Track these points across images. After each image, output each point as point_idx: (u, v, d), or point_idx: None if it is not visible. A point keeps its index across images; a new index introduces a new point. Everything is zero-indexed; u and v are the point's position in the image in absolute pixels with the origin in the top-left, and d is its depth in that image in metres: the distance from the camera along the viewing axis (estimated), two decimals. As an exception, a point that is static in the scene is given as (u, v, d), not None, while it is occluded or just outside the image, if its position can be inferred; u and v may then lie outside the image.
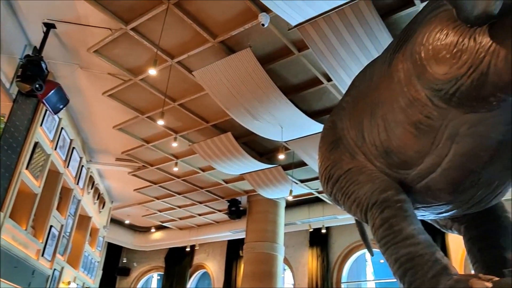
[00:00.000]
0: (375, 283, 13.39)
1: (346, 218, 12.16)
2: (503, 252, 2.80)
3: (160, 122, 7.72)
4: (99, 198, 12.09)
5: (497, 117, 2.22)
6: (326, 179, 3.24)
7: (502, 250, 2.81)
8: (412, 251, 2.34)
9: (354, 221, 3.34)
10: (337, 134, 3.26)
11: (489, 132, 2.27)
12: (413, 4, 5.10)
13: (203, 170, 10.91)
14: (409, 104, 2.52)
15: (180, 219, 14.91)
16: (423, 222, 2.84)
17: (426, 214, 2.99)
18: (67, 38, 6.65)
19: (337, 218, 12.26)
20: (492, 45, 1.99)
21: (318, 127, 7.60)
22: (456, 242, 10.43)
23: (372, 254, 3.63)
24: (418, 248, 2.34)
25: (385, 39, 5.08)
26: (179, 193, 12.51)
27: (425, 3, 4.82)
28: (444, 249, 10.56)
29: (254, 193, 11.61)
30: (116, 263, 17.69)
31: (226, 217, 13.49)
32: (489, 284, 2.01)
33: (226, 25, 5.95)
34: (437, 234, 10.04)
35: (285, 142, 8.40)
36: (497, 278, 2.15)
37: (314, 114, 7.83)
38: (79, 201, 10.08)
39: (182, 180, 11.52)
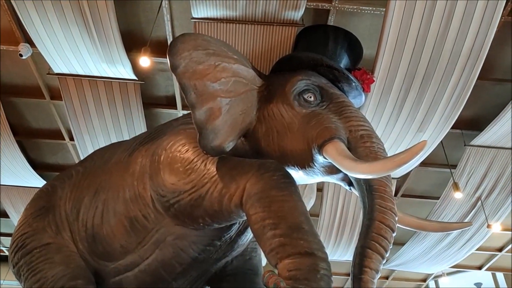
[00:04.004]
0: None
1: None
2: None
3: None
4: None
5: (199, 236, 2.47)
6: (17, 247, 2.83)
7: None
8: None
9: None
10: (52, 201, 2.99)
11: (188, 248, 2.48)
12: (176, 108, 5.54)
13: None
14: (133, 199, 2.56)
15: None
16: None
17: (107, 312, 2.90)
18: None
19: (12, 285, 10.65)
20: (215, 175, 2.28)
21: (38, 182, 6.84)
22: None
23: None
24: None
25: (140, 127, 5.25)
26: None
27: (185, 111, 5.34)
28: None
29: None
30: None
31: None
32: None
33: (-25, 34, 5.05)
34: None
35: (-8, 185, 7.15)
36: None
37: (41, 167, 7.06)
38: None
39: None
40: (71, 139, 6.30)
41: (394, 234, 2.15)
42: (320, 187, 6.57)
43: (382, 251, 2.05)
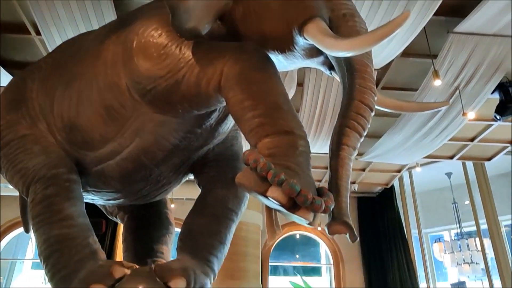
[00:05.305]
0: (33, 262, 12.60)
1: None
2: (152, 243, 3.07)
3: None
4: None
5: (179, 124, 2.44)
6: (-7, 140, 2.78)
7: (152, 241, 3.08)
8: (65, 232, 2.25)
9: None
10: (23, 93, 2.88)
11: (168, 135, 2.46)
12: (148, -4, 5.17)
13: None
14: (108, 88, 2.47)
15: None
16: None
17: (95, 199, 2.98)
18: None
19: (8, 187, 10.87)
20: (191, 59, 2.17)
21: (8, 79, 6.60)
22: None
23: (27, 231, 3.34)
24: (73, 230, 2.27)
25: (110, 16, 4.93)
26: None
27: (157, -1, 4.99)
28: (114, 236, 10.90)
29: None
30: None
31: None
32: (128, 271, 2.15)
33: None
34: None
35: (-40, 85, 6.88)
36: (138, 266, 2.33)
37: (10, 65, 6.77)
38: None
39: None
40: (38, 33, 5.94)
41: (372, 114, 2.15)
42: (300, 82, 6.53)
43: (360, 129, 2.06)
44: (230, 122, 2.70)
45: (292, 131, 1.89)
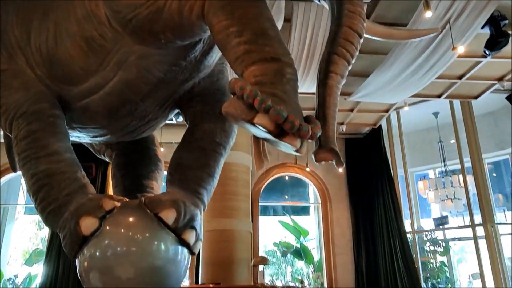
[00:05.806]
0: (25, 207, 12.77)
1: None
2: (141, 179, 3.09)
3: None
4: None
5: (163, 56, 2.36)
6: (-31, 76, 2.68)
7: (142, 177, 3.09)
8: (53, 167, 2.23)
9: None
10: (-2, 27, 2.75)
11: (152, 68, 2.39)
12: None
13: None
14: (86, 18, 2.35)
15: None
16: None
17: (81, 136, 2.94)
18: None
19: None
20: None
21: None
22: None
23: (14, 170, 3.32)
24: (60, 165, 2.25)
25: None
26: None
27: None
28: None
29: None
30: None
31: None
32: (118, 204, 2.16)
33: None
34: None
35: None
36: (127, 199, 2.35)
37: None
38: None
39: None
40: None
41: (361, 41, 2.10)
42: (288, 18, 6.33)
43: (348, 56, 2.01)
44: (215, 54, 2.62)
45: (279, 58, 1.84)
